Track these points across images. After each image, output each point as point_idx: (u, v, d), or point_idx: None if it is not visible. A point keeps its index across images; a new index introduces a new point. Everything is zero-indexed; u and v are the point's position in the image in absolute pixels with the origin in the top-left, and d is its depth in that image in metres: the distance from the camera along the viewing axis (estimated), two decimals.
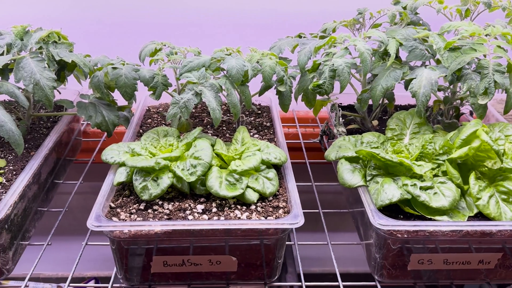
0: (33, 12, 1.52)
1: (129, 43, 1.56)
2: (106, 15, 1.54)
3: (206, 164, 0.90)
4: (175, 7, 1.56)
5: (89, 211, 0.81)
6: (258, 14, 1.59)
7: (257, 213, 0.88)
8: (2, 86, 0.98)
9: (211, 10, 1.58)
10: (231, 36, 1.62)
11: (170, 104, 0.96)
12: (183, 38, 1.57)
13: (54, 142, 1.08)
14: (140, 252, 0.86)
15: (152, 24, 1.57)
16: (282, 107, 1.11)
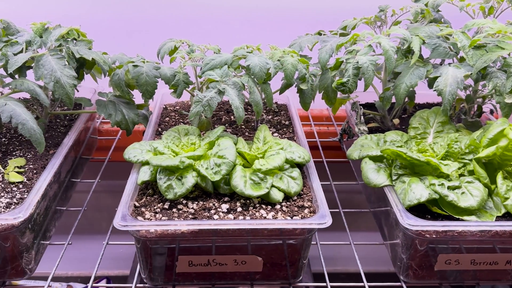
0: (44, 9, 1.51)
1: (141, 40, 1.56)
2: (116, 12, 1.54)
3: (230, 163, 0.89)
4: (188, 4, 1.55)
5: (107, 210, 0.80)
6: (272, 11, 1.58)
7: (282, 212, 0.87)
8: (22, 84, 0.97)
9: (224, 7, 1.57)
10: (245, 33, 1.60)
11: (193, 103, 0.95)
12: (196, 35, 1.56)
13: (74, 141, 1.07)
14: (166, 251, 0.85)
15: (163, 21, 1.56)
16: (303, 106, 1.10)
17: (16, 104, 0.94)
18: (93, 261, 0.97)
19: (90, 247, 1.27)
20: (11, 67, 0.96)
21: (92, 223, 1.43)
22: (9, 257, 0.84)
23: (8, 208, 0.86)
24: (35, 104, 1.17)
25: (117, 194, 1.45)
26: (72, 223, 1.06)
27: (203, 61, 1.02)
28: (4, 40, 1.09)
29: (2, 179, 0.94)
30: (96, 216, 1.43)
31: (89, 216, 1.14)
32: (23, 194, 0.90)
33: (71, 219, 1.10)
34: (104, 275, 1.85)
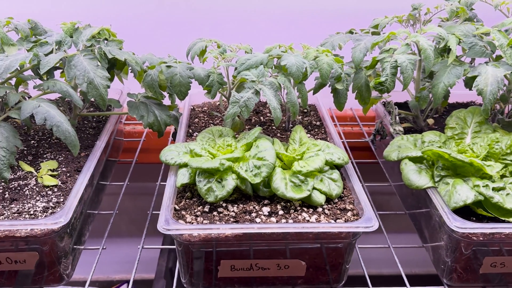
0: (59, 7, 1.49)
1: (159, 39, 1.54)
2: (136, 11, 1.52)
3: (271, 165, 0.87)
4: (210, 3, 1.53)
5: (135, 212, 0.78)
6: (294, 11, 1.56)
7: (325, 215, 0.85)
8: (55, 85, 0.95)
9: (245, 8, 1.56)
10: (268, 33, 1.59)
11: (230, 103, 0.93)
12: (214, 34, 1.54)
13: (106, 143, 1.05)
14: (208, 255, 0.83)
15: (181, 21, 1.55)
16: (338, 106, 1.08)
17: (49, 105, 0.92)
18: (104, 264, 0.94)
19: (116, 250, 1.26)
20: (43, 68, 0.94)
21: (121, 226, 1.42)
22: (47, 262, 0.83)
23: (45, 212, 0.84)
24: (63, 106, 1.15)
25: (144, 196, 1.43)
26: (103, 226, 1.05)
27: (238, 61, 1.00)
28: (33, 40, 1.07)
29: (36, 183, 0.92)
30: (125, 219, 1.41)
31: (118, 218, 1.12)
32: (59, 198, 0.88)
33: (102, 222, 1.08)
34: (123, 279, 1.83)
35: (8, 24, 1.07)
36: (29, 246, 0.80)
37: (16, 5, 1.47)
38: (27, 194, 0.89)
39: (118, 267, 1.67)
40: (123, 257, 1.40)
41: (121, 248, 1.21)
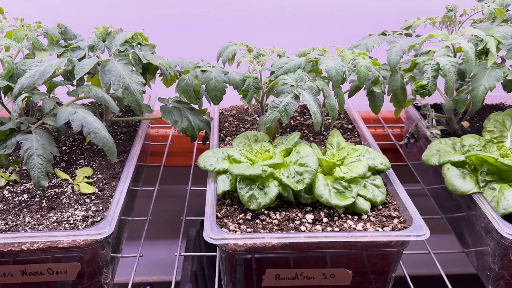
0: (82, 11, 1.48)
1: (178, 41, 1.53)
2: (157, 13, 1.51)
3: (313, 172, 0.85)
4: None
5: (165, 216, 0.75)
6: (316, 12, 1.55)
7: (371, 223, 0.83)
8: (90, 90, 0.94)
9: (265, 9, 1.54)
10: (287, 34, 1.57)
11: (269, 108, 0.92)
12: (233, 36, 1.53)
13: (140, 149, 1.03)
14: (252, 264, 0.81)
15: (198, 23, 1.53)
16: (374, 109, 1.06)
17: (85, 112, 0.91)
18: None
19: (149, 254, 1.24)
20: (78, 73, 0.92)
21: (151, 230, 1.40)
22: (89, 272, 0.81)
23: (84, 221, 0.82)
24: (94, 111, 1.13)
25: (173, 200, 1.41)
26: (137, 232, 1.03)
27: (275, 64, 0.98)
28: (63, 45, 1.06)
29: (72, 191, 0.91)
30: (155, 223, 1.38)
31: (149, 223, 1.11)
32: (98, 206, 0.86)
33: (136, 228, 1.07)
34: (143, 281, 1.81)
35: (37, 29, 1.06)
36: (71, 257, 0.79)
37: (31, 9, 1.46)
38: (64, 202, 0.87)
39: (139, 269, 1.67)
40: (143, 259, 1.40)
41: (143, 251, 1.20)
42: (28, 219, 0.82)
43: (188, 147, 1.48)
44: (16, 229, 0.80)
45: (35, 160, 0.85)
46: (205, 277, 1.52)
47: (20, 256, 0.78)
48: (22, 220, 0.82)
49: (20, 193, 0.90)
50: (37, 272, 0.80)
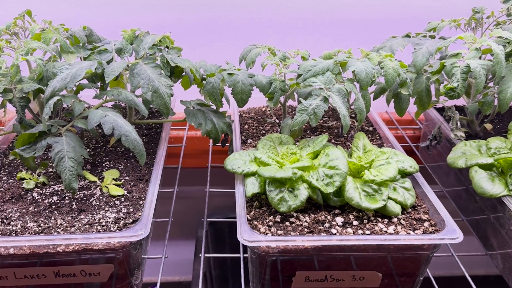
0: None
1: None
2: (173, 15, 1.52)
3: (344, 175, 0.85)
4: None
5: (184, 219, 0.75)
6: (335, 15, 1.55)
7: (402, 226, 0.83)
8: (120, 93, 0.94)
9: (286, 12, 1.55)
10: (309, 37, 1.58)
11: (297, 111, 0.92)
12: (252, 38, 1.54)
13: (166, 151, 1.04)
14: (282, 266, 0.82)
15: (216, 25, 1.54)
16: (399, 111, 1.06)
17: (115, 114, 0.91)
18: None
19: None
20: (108, 76, 0.93)
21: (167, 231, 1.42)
22: (121, 274, 0.81)
23: (116, 223, 0.83)
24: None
25: (188, 201, 1.41)
26: (155, 233, 1.03)
27: (302, 67, 0.98)
28: (89, 47, 1.06)
29: (101, 193, 0.91)
30: (175, 223, 1.40)
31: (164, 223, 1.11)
32: (128, 208, 0.87)
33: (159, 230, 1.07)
34: (149, 281, 1.82)
35: (63, 31, 1.07)
36: (105, 258, 0.79)
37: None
38: (94, 204, 0.88)
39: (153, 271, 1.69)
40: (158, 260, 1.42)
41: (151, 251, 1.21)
42: (60, 221, 0.83)
43: (200, 149, 1.49)
44: (49, 231, 0.80)
45: (66, 163, 0.86)
46: (219, 278, 1.53)
47: (54, 258, 0.79)
48: (54, 222, 0.83)
49: (50, 195, 0.90)
50: (70, 274, 0.80)
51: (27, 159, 0.93)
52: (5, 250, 0.77)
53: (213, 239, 1.63)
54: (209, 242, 1.58)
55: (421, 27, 1.21)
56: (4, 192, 0.91)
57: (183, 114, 1.03)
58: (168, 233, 1.04)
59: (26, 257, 0.79)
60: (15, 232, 0.80)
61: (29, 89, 0.91)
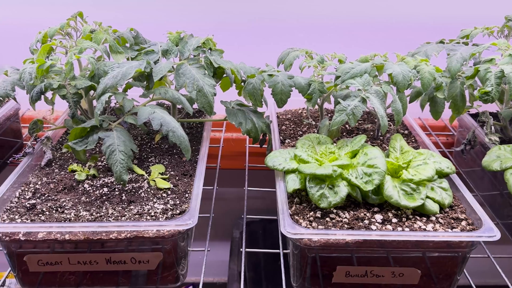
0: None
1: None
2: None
3: (382, 173, 0.88)
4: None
5: (222, 220, 0.77)
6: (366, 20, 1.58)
7: (440, 224, 0.85)
8: (167, 92, 0.99)
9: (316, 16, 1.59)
10: (334, 43, 1.61)
11: (336, 111, 0.95)
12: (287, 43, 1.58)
13: (208, 148, 1.08)
14: (323, 260, 0.84)
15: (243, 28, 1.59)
16: (434, 115, 1.09)
17: (163, 111, 0.96)
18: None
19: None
20: (156, 76, 0.98)
21: (203, 229, 1.45)
22: (168, 263, 0.85)
23: (164, 213, 0.87)
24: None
25: (223, 202, 1.45)
26: (198, 231, 1.07)
27: (340, 69, 1.01)
28: (136, 48, 1.12)
29: (148, 185, 0.96)
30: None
31: (203, 221, 1.15)
32: (175, 200, 0.91)
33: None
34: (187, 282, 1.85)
35: (112, 33, 1.12)
36: (154, 247, 0.83)
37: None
38: (143, 196, 0.92)
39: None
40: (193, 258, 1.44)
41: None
42: (111, 210, 0.88)
43: (235, 151, 1.53)
44: (101, 220, 0.85)
45: (117, 156, 0.91)
46: (256, 276, 1.55)
47: (106, 245, 0.84)
48: (105, 212, 0.87)
49: (100, 186, 0.95)
50: (121, 261, 0.84)
51: (78, 152, 0.98)
52: (61, 236, 0.82)
53: (248, 238, 1.66)
54: (243, 242, 1.60)
55: (448, 34, 1.25)
56: (57, 183, 0.97)
57: (222, 114, 1.07)
58: (210, 227, 1.07)
59: (80, 244, 0.83)
60: (69, 219, 0.85)
61: (82, 86, 0.97)
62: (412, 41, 1.55)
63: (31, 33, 1.11)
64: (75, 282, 0.88)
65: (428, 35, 1.54)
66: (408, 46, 1.30)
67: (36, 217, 0.85)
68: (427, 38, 1.49)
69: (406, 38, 1.57)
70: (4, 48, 1.59)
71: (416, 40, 1.55)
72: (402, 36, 1.58)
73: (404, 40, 1.55)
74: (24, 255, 0.84)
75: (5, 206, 0.89)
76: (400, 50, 1.21)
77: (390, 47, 1.41)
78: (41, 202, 0.90)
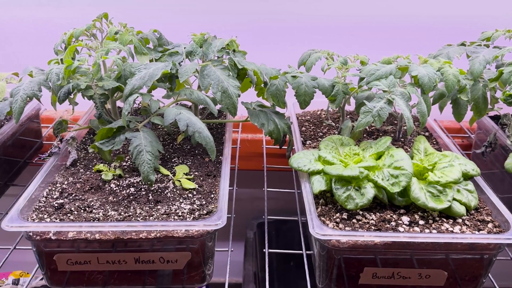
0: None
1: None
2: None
3: (409, 175, 0.88)
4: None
5: (236, 221, 0.79)
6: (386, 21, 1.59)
7: (466, 226, 0.85)
8: (192, 93, 1.00)
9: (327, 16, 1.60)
10: (351, 45, 1.61)
11: (361, 113, 0.95)
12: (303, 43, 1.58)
13: (231, 149, 1.09)
14: (350, 262, 0.85)
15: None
16: (457, 117, 1.09)
17: (188, 112, 0.97)
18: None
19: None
20: (181, 77, 0.99)
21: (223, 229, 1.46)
22: (196, 262, 0.86)
23: (192, 214, 0.87)
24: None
25: (238, 203, 1.47)
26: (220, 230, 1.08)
27: (365, 71, 1.02)
28: (160, 50, 1.13)
29: (174, 186, 0.96)
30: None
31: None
32: (201, 201, 0.91)
33: None
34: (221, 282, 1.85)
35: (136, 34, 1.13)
36: (183, 247, 0.84)
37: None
38: (169, 196, 0.93)
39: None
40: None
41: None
42: (139, 210, 0.88)
43: (251, 152, 1.54)
44: (129, 220, 0.86)
45: (144, 156, 0.92)
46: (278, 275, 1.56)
47: (134, 245, 0.84)
48: (133, 211, 0.88)
49: (126, 186, 0.96)
50: (149, 261, 0.85)
51: (104, 152, 0.99)
52: (91, 236, 0.83)
53: (261, 239, 1.66)
54: (257, 243, 1.61)
55: (450, 34, 1.26)
56: (83, 183, 0.97)
57: (242, 115, 1.08)
58: (232, 227, 1.08)
59: (109, 243, 0.84)
60: (97, 219, 0.86)
61: (109, 87, 0.98)
62: (412, 42, 1.57)
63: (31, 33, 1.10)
64: (102, 282, 0.89)
65: (428, 35, 1.56)
66: (410, 46, 1.31)
67: (65, 217, 0.86)
68: (428, 39, 1.50)
69: (405, 38, 1.58)
70: (12, 47, 1.61)
71: (416, 40, 1.57)
72: (403, 36, 1.60)
73: (403, 41, 1.57)
74: (53, 254, 0.85)
75: (34, 205, 0.90)
76: (402, 50, 1.21)
77: (392, 47, 1.42)
78: (68, 201, 0.91)
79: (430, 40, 1.54)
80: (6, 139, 1.18)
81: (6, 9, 1.60)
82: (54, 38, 1.13)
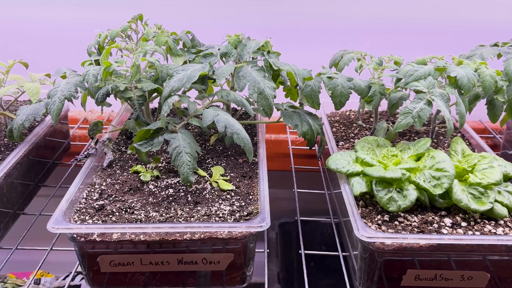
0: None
1: None
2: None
3: (452, 177, 0.88)
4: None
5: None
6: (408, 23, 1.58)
7: (509, 228, 0.85)
8: (229, 94, 1.00)
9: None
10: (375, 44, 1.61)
11: (401, 114, 0.95)
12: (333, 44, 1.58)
13: (265, 150, 1.09)
14: (393, 264, 0.84)
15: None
16: (492, 118, 1.08)
17: (226, 113, 0.97)
18: None
19: None
20: (218, 78, 0.99)
21: None
22: (238, 264, 0.86)
23: (232, 215, 0.87)
24: None
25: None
26: None
27: (403, 72, 1.01)
28: (193, 51, 1.13)
29: (211, 187, 0.96)
30: None
31: None
32: (240, 202, 0.92)
33: None
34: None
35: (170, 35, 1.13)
36: (226, 248, 0.84)
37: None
38: (208, 197, 0.93)
39: None
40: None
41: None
42: (180, 211, 0.89)
43: (274, 152, 1.54)
44: (171, 221, 0.86)
45: (183, 157, 0.92)
46: (295, 278, 1.56)
47: (177, 246, 0.85)
48: (174, 213, 0.88)
49: (165, 187, 0.96)
50: (192, 262, 0.85)
51: (142, 154, 1.00)
52: (136, 237, 0.83)
53: (282, 239, 1.66)
54: (279, 243, 1.61)
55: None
56: (121, 184, 0.98)
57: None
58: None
59: (153, 244, 0.84)
60: (140, 220, 0.86)
61: (148, 88, 0.98)
62: (417, 44, 1.56)
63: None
64: (144, 283, 0.89)
65: (454, 37, 1.56)
66: (435, 48, 1.30)
67: (107, 218, 0.87)
68: (454, 40, 1.48)
69: (411, 41, 1.59)
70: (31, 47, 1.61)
71: (416, 41, 1.57)
72: (416, 38, 1.60)
73: (410, 44, 1.57)
74: (97, 256, 0.85)
75: (75, 207, 0.90)
76: (428, 52, 1.20)
77: (407, 48, 1.41)
78: (109, 203, 0.91)
79: (456, 41, 1.54)
80: (38, 140, 1.19)
81: (29, 9, 1.60)
82: (69, 38, 1.13)
